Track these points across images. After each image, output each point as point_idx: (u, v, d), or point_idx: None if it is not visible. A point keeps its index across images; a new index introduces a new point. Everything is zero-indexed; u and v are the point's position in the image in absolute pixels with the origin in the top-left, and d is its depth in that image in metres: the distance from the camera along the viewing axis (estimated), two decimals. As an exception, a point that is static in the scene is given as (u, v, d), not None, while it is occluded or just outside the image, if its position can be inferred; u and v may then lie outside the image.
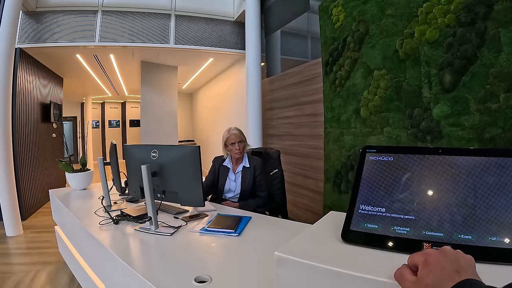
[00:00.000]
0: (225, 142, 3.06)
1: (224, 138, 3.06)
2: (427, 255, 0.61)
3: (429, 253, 0.61)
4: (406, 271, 0.64)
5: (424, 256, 0.61)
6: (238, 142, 2.99)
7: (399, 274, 0.65)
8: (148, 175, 1.98)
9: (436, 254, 0.60)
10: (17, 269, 3.50)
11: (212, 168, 3.18)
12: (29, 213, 5.80)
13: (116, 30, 5.72)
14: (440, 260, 0.58)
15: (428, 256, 0.60)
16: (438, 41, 2.31)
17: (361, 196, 1.03)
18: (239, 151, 3.00)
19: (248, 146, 3.17)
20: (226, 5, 6.38)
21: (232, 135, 3.01)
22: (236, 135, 3.01)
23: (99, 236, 2.01)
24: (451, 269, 0.56)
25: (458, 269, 0.56)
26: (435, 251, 0.61)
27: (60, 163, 3.50)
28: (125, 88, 11.32)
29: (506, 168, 0.86)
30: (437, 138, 2.35)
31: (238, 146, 2.98)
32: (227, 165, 3.12)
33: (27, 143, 5.90)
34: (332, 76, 3.38)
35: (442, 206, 0.89)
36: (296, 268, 0.89)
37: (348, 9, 3.14)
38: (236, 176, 3.08)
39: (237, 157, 3.05)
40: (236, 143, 2.98)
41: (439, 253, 0.60)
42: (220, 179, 3.12)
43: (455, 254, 0.60)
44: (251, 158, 3.11)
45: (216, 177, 3.14)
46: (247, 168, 3.05)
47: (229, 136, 3.02)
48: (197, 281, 1.36)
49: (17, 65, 5.29)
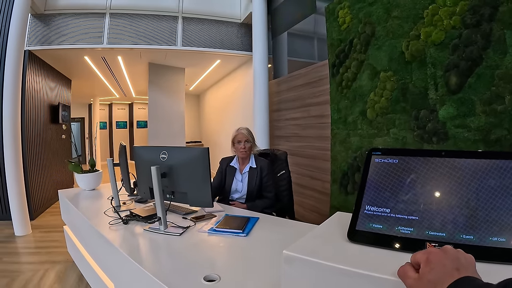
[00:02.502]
0: (233, 140, 3.11)
1: (232, 136, 3.11)
2: (429, 254, 0.63)
3: (431, 252, 0.63)
4: (408, 268, 0.66)
5: (426, 255, 0.63)
6: (244, 141, 3.02)
7: (402, 272, 0.67)
8: (158, 176, 2.01)
9: (438, 253, 0.62)
10: (26, 268, 3.54)
11: (219, 169, 3.21)
12: (38, 213, 5.86)
13: (124, 32, 5.77)
14: (441, 258, 0.60)
15: (429, 254, 0.63)
16: (444, 42, 2.32)
17: (367, 197, 1.05)
18: (245, 150, 3.02)
19: (256, 148, 3.19)
20: (233, 7, 6.41)
21: (239, 134, 3.05)
22: (244, 134, 3.04)
23: (108, 236, 2.04)
24: (452, 267, 0.58)
25: (458, 267, 0.58)
26: (437, 250, 0.64)
27: (70, 164, 3.54)
28: (132, 89, 11.38)
29: (508, 171, 0.88)
30: (443, 140, 2.36)
31: (244, 146, 3.01)
32: (234, 165, 3.15)
33: (35, 144, 5.97)
34: (339, 77, 3.39)
35: (445, 207, 0.92)
36: (303, 266, 0.92)
37: (354, 11, 3.15)
38: (243, 177, 3.10)
39: (243, 157, 3.08)
40: (243, 142, 3.01)
41: (440, 251, 0.63)
42: (227, 179, 3.14)
43: (456, 253, 0.62)
44: (258, 159, 3.13)
45: (223, 178, 3.17)
46: (253, 169, 3.07)
47: (237, 134, 3.07)
48: (206, 280, 1.38)
49: (26, 67, 5.35)
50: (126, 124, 15.46)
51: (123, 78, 9.28)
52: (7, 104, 4.55)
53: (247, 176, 3.08)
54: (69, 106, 8.14)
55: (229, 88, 8.86)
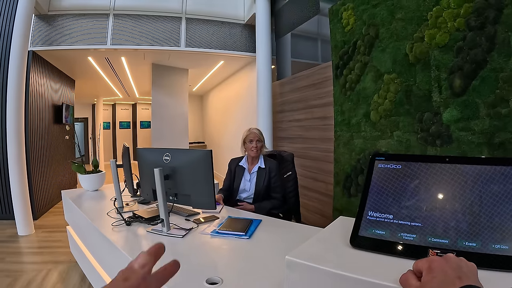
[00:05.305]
0: (244, 139, 3.16)
1: (244, 135, 3.17)
2: (431, 262, 0.63)
3: (433, 260, 0.63)
4: (410, 276, 0.66)
5: (428, 263, 0.63)
6: (256, 140, 3.08)
7: (404, 279, 0.67)
8: (161, 178, 2.02)
9: (440, 261, 0.62)
10: (28, 268, 3.56)
11: (229, 171, 3.27)
12: (41, 213, 5.89)
13: (127, 33, 5.80)
14: (443, 267, 0.60)
15: (432, 262, 0.63)
16: (448, 45, 2.31)
17: (370, 202, 1.05)
18: (256, 149, 3.08)
19: (265, 149, 3.23)
20: (236, 8, 6.42)
21: (251, 133, 3.11)
22: (256, 134, 3.11)
23: (111, 237, 2.05)
24: (453, 276, 0.58)
25: (460, 275, 0.58)
26: (439, 258, 0.64)
27: (73, 165, 3.54)
28: (136, 90, 11.41)
29: (511, 177, 0.87)
30: (447, 143, 2.35)
31: (256, 145, 3.07)
32: (243, 165, 3.20)
33: (39, 144, 6.01)
34: (343, 79, 3.39)
35: (448, 213, 0.91)
36: (306, 272, 0.92)
37: (358, 13, 3.14)
38: (251, 177, 3.15)
39: (253, 156, 3.12)
40: (254, 141, 3.07)
41: (442, 260, 0.63)
42: (235, 179, 3.20)
43: (458, 261, 0.62)
44: (267, 160, 3.18)
45: (232, 179, 3.22)
46: (262, 169, 3.12)
47: (249, 133, 3.12)
48: (209, 282, 1.38)
49: (30, 67, 5.40)
50: (130, 124, 15.50)
51: (127, 79, 9.31)
52: (11, 104, 4.58)
53: (256, 176, 3.12)
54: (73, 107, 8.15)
55: (233, 89, 8.88)
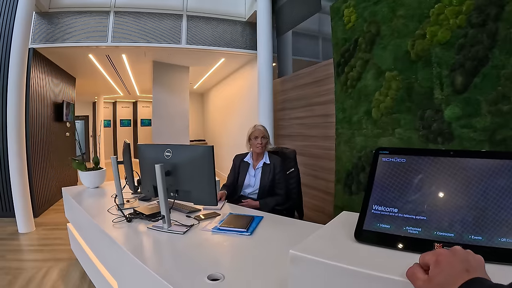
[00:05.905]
0: (249, 136, 3.20)
1: (249, 132, 3.21)
2: (438, 255, 0.62)
3: (440, 253, 0.63)
4: (418, 270, 0.66)
5: (435, 256, 0.63)
6: (261, 137, 3.12)
7: (411, 273, 0.67)
8: (162, 174, 2.01)
9: (447, 254, 0.62)
10: (29, 265, 3.56)
11: (233, 166, 3.30)
12: (41, 210, 5.89)
13: (128, 30, 5.78)
14: (451, 260, 0.60)
15: (439, 255, 0.62)
16: (450, 42, 2.30)
17: (374, 196, 1.04)
18: (261, 146, 3.12)
19: (270, 145, 3.27)
20: (237, 5, 6.41)
21: (257, 130, 3.16)
22: (261, 130, 3.16)
23: (112, 234, 2.05)
24: (461, 268, 0.57)
25: (468, 268, 0.57)
26: (446, 251, 0.63)
27: (74, 162, 3.55)
28: (136, 87, 11.39)
29: (516, 171, 0.87)
30: (448, 140, 2.34)
31: (261, 141, 3.11)
32: (247, 160, 3.24)
33: (39, 142, 6.00)
34: (344, 77, 3.38)
35: (454, 207, 0.91)
36: (310, 266, 0.91)
37: (359, 10, 3.13)
38: (256, 172, 3.18)
39: (258, 152, 3.16)
40: (259, 138, 3.12)
41: (449, 253, 0.62)
42: (240, 174, 3.23)
43: (465, 254, 0.61)
44: (272, 156, 3.21)
45: (236, 174, 3.26)
46: (267, 165, 3.15)
47: (254, 130, 3.17)
48: (210, 279, 1.38)
49: (30, 65, 5.39)
50: (130, 122, 15.48)
51: (128, 76, 9.29)
52: (11, 102, 4.57)
53: (260, 172, 3.16)
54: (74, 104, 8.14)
55: (234, 86, 8.86)
